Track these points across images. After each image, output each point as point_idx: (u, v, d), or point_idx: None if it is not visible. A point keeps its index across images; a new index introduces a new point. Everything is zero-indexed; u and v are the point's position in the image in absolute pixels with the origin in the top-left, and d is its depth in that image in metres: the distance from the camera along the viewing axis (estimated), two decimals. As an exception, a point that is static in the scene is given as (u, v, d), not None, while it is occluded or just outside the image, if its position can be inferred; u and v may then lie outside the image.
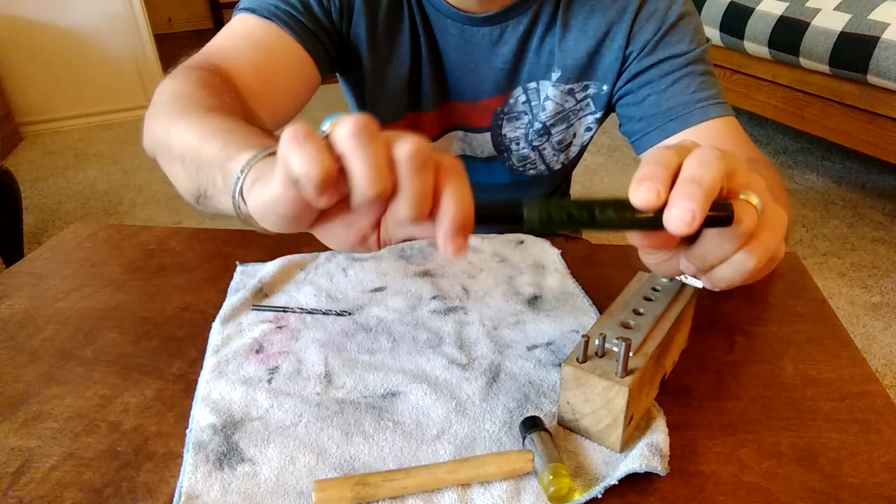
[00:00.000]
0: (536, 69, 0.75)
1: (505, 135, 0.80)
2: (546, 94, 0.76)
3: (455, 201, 0.32)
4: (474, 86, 0.76)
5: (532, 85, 0.76)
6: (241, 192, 0.37)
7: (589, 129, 0.79)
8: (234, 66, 0.65)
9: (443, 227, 0.32)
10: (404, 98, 0.76)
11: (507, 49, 0.73)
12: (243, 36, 0.68)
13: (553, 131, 0.79)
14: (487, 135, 0.80)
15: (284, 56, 0.68)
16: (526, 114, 0.78)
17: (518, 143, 0.80)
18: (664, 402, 0.48)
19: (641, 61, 0.72)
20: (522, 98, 0.77)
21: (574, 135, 0.80)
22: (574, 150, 0.82)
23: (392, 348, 0.55)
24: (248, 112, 0.60)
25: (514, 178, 0.84)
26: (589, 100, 0.77)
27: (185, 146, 0.46)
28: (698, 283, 0.44)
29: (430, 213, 0.32)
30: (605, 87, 0.75)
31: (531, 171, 0.83)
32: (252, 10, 0.69)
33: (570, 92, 0.76)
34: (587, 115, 0.78)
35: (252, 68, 0.66)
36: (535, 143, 0.80)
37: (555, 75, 0.74)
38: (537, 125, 0.78)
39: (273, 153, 0.37)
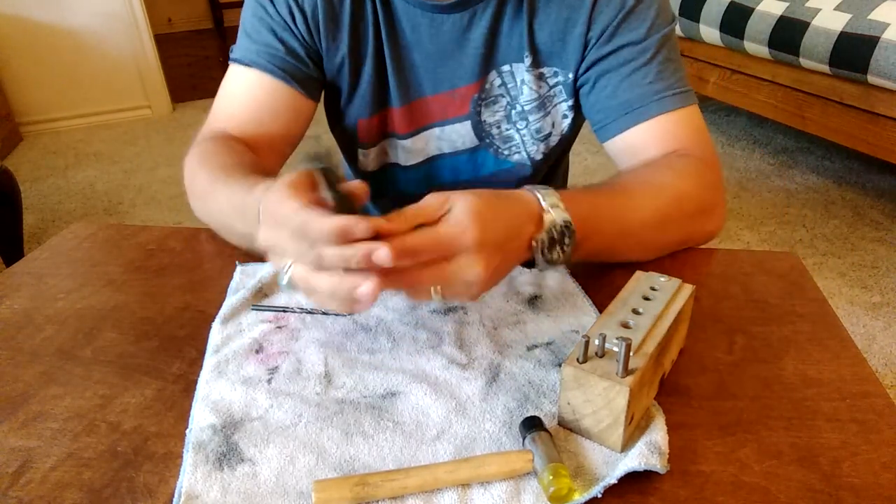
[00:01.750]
0: (509, 52, 0.75)
1: (485, 120, 0.80)
2: (521, 78, 0.76)
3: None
4: (450, 73, 0.76)
5: (506, 68, 0.76)
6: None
7: (565, 116, 0.79)
8: (232, 128, 0.75)
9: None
10: (374, 95, 0.77)
11: (479, 33, 0.73)
12: (234, 94, 0.76)
13: (531, 118, 0.79)
14: (468, 123, 0.80)
15: (273, 101, 0.75)
16: (503, 96, 0.78)
17: (499, 127, 0.80)
18: (664, 402, 0.48)
19: (600, 49, 0.71)
20: (498, 81, 0.77)
21: (552, 124, 0.80)
22: (554, 139, 0.81)
23: (392, 348, 0.55)
24: (254, 159, 0.70)
25: (499, 165, 0.83)
26: (560, 86, 0.76)
27: (223, 222, 0.66)
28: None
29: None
30: (570, 75, 0.75)
31: (515, 156, 0.82)
32: (238, 61, 0.75)
33: (542, 77, 0.76)
34: (560, 102, 0.78)
35: (245, 126, 0.75)
36: (518, 127, 0.80)
37: (527, 60, 0.74)
38: (518, 108, 0.78)
39: None
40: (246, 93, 0.75)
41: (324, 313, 0.59)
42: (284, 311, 0.60)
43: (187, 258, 0.70)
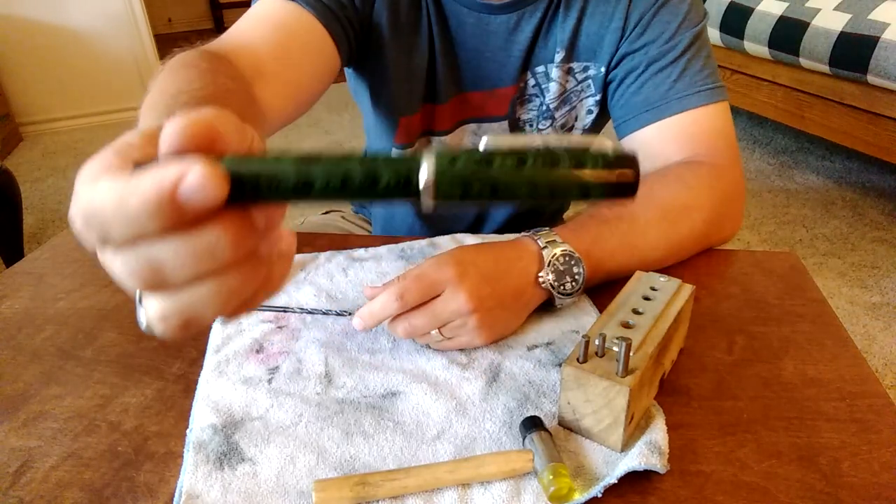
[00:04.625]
0: (544, 53, 0.75)
1: (520, 118, 0.80)
2: (551, 76, 0.76)
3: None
4: (491, 74, 0.76)
5: (540, 69, 0.76)
6: None
7: (590, 111, 0.79)
8: (250, 49, 0.62)
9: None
10: (421, 90, 0.76)
11: (524, 36, 0.73)
12: (262, 17, 0.67)
13: (556, 115, 0.79)
14: (505, 123, 0.80)
15: (305, 35, 0.66)
16: (537, 96, 0.78)
17: (531, 125, 0.80)
18: (664, 402, 0.48)
19: (632, 43, 0.72)
20: (532, 82, 0.77)
21: (576, 118, 0.80)
22: (576, 133, 0.82)
23: (392, 348, 0.55)
24: (246, 96, 0.56)
25: None
26: (589, 81, 0.76)
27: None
28: None
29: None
30: (602, 69, 0.75)
31: None
32: None
33: (570, 71, 0.76)
34: (587, 97, 0.78)
35: (269, 49, 0.64)
36: (540, 127, 0.80)
37: (558, 56, 0.74)
38: (545, 108, 0.78)
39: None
40: (280, 20, 0.66)
41: (324, 313, 0.59)
42: (285, 311, 0.60)
43: (187, 258, 0.70)
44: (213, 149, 0.23)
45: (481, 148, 0.23)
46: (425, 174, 0.22)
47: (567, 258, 0.56)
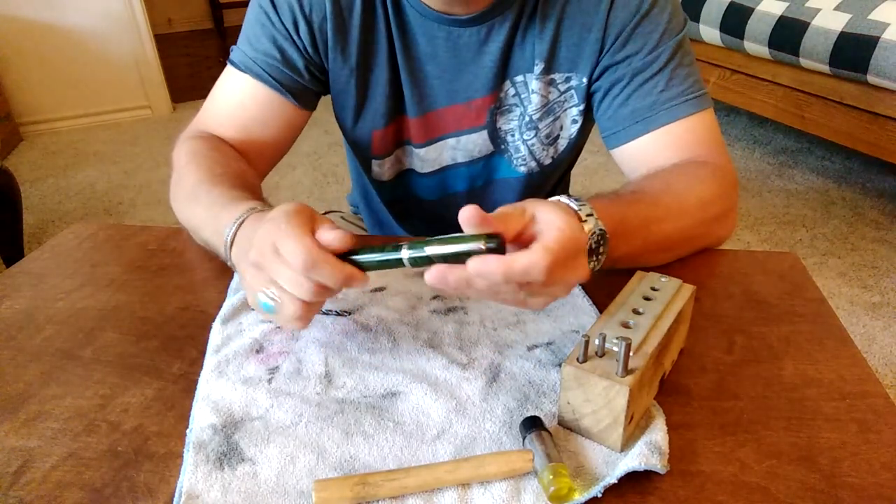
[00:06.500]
0: (521, 63, 0.75)
1: (500, 128, 0.80)
2: (532, 88, 0.76)
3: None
4: (466, 86, 0.76)
5: (519, 78, 0.76)
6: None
7: (574, 121, 0.79)
8: (219, 131, 0.76)
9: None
10: (388, 106, 0.77)
11: (496, 47, 0.73)
12: (226, 98, 0.77)
13: (540, 125, 0.79)
14: (484, 132, 0.80)
15: (264, 112, 0.76)
16: (517, 106, 0.78)
17: (513, 135, 0.80)
18: (664, 402, 0.48)
19: (614, 55, 0.71)
20: (512, 91, 0.77)
21: (561, 127, 0.80)
22: (562, 143, 0.81)
23: (392, 348, 0.55)
24: (241, 168, 0.72)
25: (510, 172, 0.84)
26: (572, 91, 0.76)
27: (196, 228, 0.66)
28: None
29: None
30: (584, 79, 0.75)
31: (521, 168, 0.82)
32: (234, 65, 0.75)
33: (552, 83, 0.76)
34: (571, 107, 0.78)
35: (232, 129, 0.76)
36: (525, 137, 0.80)
37: (537, 68, 0.74)
38: (527, 118, 0.78)
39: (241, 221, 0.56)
40: (238, 99, 0.76)
41: (324, 313, 0.59)
42: (285, 311, 0.60)
43: (188, 258, 0.70)
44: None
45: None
46: (406, 255, 0.45)
47: (599, 238, 0.53)
